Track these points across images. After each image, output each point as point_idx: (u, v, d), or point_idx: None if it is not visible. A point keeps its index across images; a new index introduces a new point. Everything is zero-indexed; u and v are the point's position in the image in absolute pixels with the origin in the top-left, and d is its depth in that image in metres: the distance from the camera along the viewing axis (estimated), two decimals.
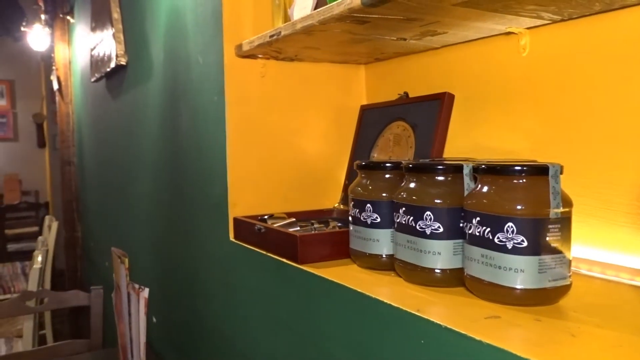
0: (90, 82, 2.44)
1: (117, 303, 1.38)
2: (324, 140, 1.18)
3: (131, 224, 1.96)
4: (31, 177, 6.39)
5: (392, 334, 0.63)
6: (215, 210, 1.14)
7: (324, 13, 0.78)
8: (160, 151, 1.54)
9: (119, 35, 1.91)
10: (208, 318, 1.24)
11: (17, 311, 2.03)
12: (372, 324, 0.67)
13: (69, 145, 3.37)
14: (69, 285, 3.62)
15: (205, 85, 1.17)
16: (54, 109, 6.26)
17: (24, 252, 5.45)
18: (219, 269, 1.15)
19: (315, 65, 1.15)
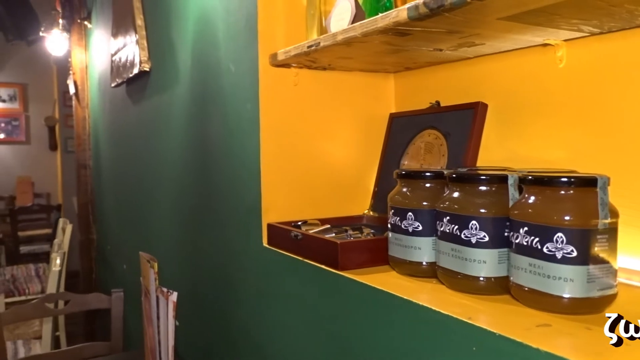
0: (110, 87, 2.47)
1: (146, 307, 1.40)
2: (353, 147, 1.20)
3: (153, 228, 1.98)
4: (43, 180, 6.44)
5: (441, 341, 0.65)
6: (248, 216, 1.16)
7: (367, 26, 0.79)
8: (186, 156, 1.56)
9: (142, 42, 1.93)
10: (237, 322, 1.25)
11: (40, 313, 2.06)
12: (419, 331, 0.69)
13: (85, 148, 3.41)
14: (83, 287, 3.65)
15: (237, 92, 1.19)
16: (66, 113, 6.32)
17: (36, 254, 5.50)
18: (250, 274, 1.17)
19: (346, 74, 1.17)
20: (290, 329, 1.01)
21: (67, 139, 6.24)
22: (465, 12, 0.67)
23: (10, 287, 3.80)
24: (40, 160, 6.49)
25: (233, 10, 1.19)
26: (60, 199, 6.36)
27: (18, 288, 3.80)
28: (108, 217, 3.09)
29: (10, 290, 3.77)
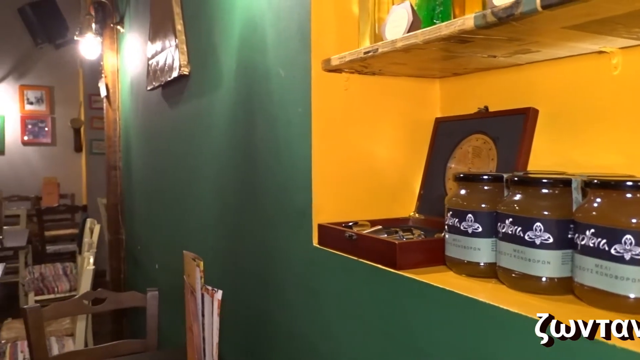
0: (145, 90, 2.53)
1: (191, 305, 1.43)
2: (399, 150, 1.22)
3: (191, 228, 2.02)
4: (68, 181, 6.56)
5: (511, 340, 0.67)
6: (297, 217, 1.19)
7: (429, 33, 0.82)
8: (228, 157, 1.60)
9: (182, 46, 1.98)
10: (284, 320, 1.28)
11: (78, 310, 2.11)
12: (484, 329, 0.71)
13: (115, 150, 3.48)
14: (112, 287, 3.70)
15: (287, 97, 1.22)
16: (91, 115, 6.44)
17: (61, 253, 5.60)
18: (299, 274, 1.20)
19: (393, 79, 1.20)
20: (343, 326, 1.04)
21: (92, 141, 6.35)
22: (533, 21, 0.69)
23: (39, 286, 3.88)
24: (65, 161, 6.61)
25: (284, 17, 1.23)
26: (85, 199, 6.47)
27: (47, 286, 3.88)
28: (138, 218, 3.14)
29: (40, 288, 3.85)
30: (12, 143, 6.36)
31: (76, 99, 6.62)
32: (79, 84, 6.57)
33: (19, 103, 6.37)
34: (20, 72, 6.35)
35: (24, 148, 6.43)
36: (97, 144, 6.40)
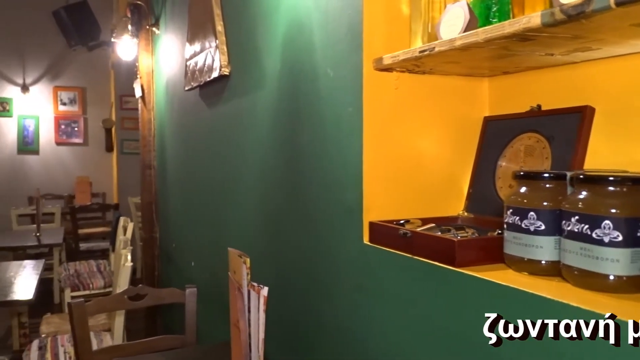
0: (182, 90, 2.57)
1: (237, 301, 1.46)
2: (447, 149, 1.23)
3: (230, 226, 2.05)
4: (99, 180, 6.70)
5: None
6: (346, 214, 1.20)
7: (492, 31, 0.82)
8: (272, 157, 1.62)
9: (222, 47, 2.01)
10: (330, 317, 1.30)
11: (120, 305, 2.16)
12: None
13: (150, 149, 3.54)
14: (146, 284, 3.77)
15: (336, 96, 1.24)
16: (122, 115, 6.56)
17: (93, 251, 5.72)
18: (348, 271, 1.21)
19: (442, 77, 1.20)
20: (395, 323, 1.05)
21: (123, 141, 6.48)
22: (603, 18, 0.69)
23: (75, 282, 3.98)
24: (96, 161, 6.75)
25: (333, 17, 1.24)
26: (116, 198, 6.60)
27: (83, 283, 3.98)
28: (173, 216, 3.20)
29: (76, 284, 3.95)
30: (46, 143, 6.52)
31: (107, 100, 6.76)
32: (110, 85, 6.71)
33: (53, 104, 6.53)
34: (54, 74, 6.52)
35: (58, 148, 6.59)
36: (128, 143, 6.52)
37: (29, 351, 2.69)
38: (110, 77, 6.67)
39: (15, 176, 6.40)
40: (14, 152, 6.39)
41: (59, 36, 6.15)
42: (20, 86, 6.37)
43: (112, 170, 6.82)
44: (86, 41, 6.07)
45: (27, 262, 3.50)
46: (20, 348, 3.92)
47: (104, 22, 6.11)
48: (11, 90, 6.36)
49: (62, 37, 6.06)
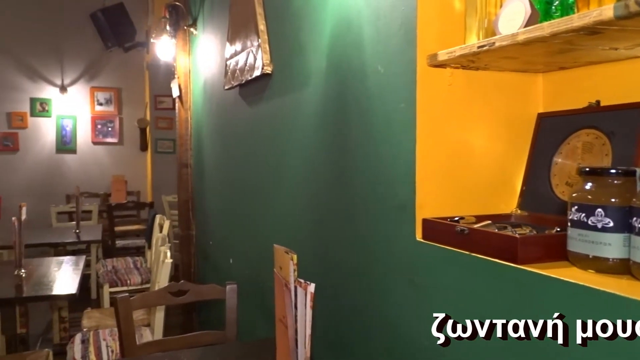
0: (222, 89, 2.60)
1: (285, 297, 1.47)
2: (500, 146, 1.21)
3: (272, 224, 2.07)
4: (133, 179, 6.83)
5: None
6: (397, 211, 1.20)
7: (558, 25, 0.81)
8: (317, 154, 1.62)
9: (265, 46, 2.03)
10: (380, 314, 1.30)
11: (163, 301, 2.20)
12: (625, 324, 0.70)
13: (187, 148, 3.59)
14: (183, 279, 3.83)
15: (387, 93, 1.24)
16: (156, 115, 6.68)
17: (128, 248, 5.84)
18: (399, 267, 1.21)
19: (496, 73, 1.19)
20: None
21: (157, 140, 6.59)
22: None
23: (113, 278, 4.06)
24: (131, 160, 6.89)
25: (384, 14, 1.24)
26: (150, 197, 6.72)
27: (120, 279, 4.06)
28: (210, 214, 3.24)
29: (114, 280, 4.03)
30: (83, 142, 6.69)
31: (142, 100, 6.89)
32: (145, 86, 6.84)
33: (90, 104, 6.69)
34: (91, 75, 6.67)
35: (94, 147, 6.74)
36: (162, 143, 6.64)
37: (73, 344, 2.76)
38: (144, 77, 6.80)
39: (54, 175, 6.58)
40: (53, 151, 6.57)
41: (96, 38, 6.29)
42: (59, 87, 6.55)
43: (146, 169, 6.95)
44: (122, 42, 6.21)
45: (68, 258, 3.60)
46: (61, 342, 4.03)
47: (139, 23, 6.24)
48: (50, 91, 6.53)
49: (99, 39, 6.20)
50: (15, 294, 2.77)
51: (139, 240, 5.86)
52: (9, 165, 6.40)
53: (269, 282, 2.20)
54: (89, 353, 2.64)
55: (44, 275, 3.04)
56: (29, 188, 6.41)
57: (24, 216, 2.96)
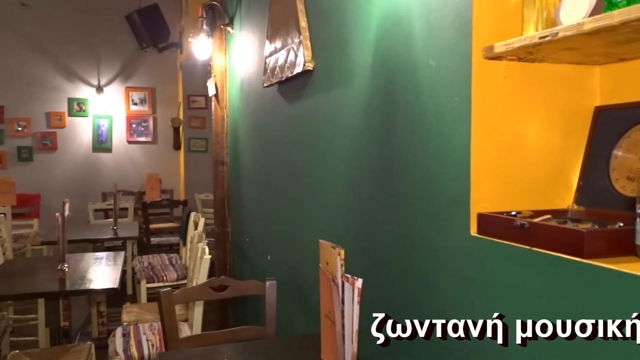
0: (262, 87, 2.62)
1: (331, 292, 1.47)
2: (555, 139, 1.19)
3: (313, 220, 2.08)
4: (167, 177, 6.95)
5: None
6: (449, 206, 1.19)
7: (629, 13, 0.79)
8: (362, 149, 1.62)
9: (306, 42, 2.04)
10: (430, 310, 1.29)
11: (204, 295, 2.23)
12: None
13: (223, 146, 3.63)
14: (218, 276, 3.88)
15: (439, 87, 1.22)
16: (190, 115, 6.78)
17: (162, 245, 5.94)
18: (452, 263, 1.20)
19: (552, 66, 1.17)
20: (508, 316, 1.02)
21: (190, 139, 6.69)
22: None
23: (150, 274, 4.14)
24: (165, 158, 7.01)
25: (436, 8, 1.23)
26: (183, 195, 6.82)
27: (157, 275, 4.13)
28: (246, 211, 3.27)
29: (150, 276, 4.10)
30: (119, 141, 6.83)
31: (175, 100, 6.99)
32: (178, 85, 6.94)
33: (125, 104, 6.83)
34: (126, 75, 6.81)
35: (129, 146, 6.88)
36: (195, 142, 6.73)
37: (114, 337, 2.82)
38: (178, 77, 6.90)
39: (91, 173, 6.73)
40: (89, 150, 6.73)
41: (131, 39, 6.42)
42: (95, 87, 6.70)
43: (179, 168, 7.06)
44: (156, 43, 6.32)
45: (107, 254, 3.67)
46: (99, 336, 4.12)
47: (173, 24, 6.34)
48: (87, 91, 6.69)
49: (134, 40, 6.33)
50: (59, 287, 2.85)
51: (173, 237, 5.95)
52: (48, 164, 6.58)
53: (309, 279, 2.21)
54: (130, 346, 2.70)
55: (86, 270, 3.12)
56: (66, 186, 6.58)
57: (67, 212, 3.03)
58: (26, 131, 6.48)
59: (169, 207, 6.34)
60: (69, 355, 2.64)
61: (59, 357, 2.62)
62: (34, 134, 6.51)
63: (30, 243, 5.59)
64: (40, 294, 3.00)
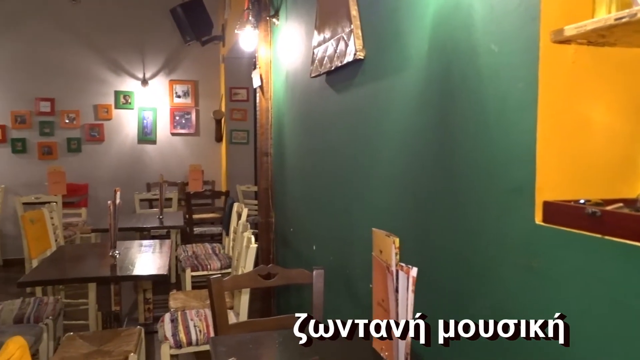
0: (309, 77, 2.63)
1: (385, 280, 1.47)
2: (625, 127, 1.15)
3: (363, 211, 2.07)
4: (209, 169, 7.07)
5: None
6: (514, 194, 1.17)
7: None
8: (416, 137, 1.61)
9: (357, 31, 2.03)
10: (491, 301, 1.27)
11: (253, 283, 2.26)
12: None
13: (267, 137, 3.66)
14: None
15: (502, 72, 1.20)
16: (231, 107, 6.86)
17: (204, 235, 6.05)
18: (515, 252, 1.17)
19: (623, 50, 1.12)
20: (578, 307, 1.00)
21: (232, 131, 6.77)
22: None
23: (194, 263, 4.22)
24: (207, 150, 7.13)
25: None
26: (224, 186, 6.92)
27: (201, 264, 4.21)
28: (290, 202, 3.29)
29: (195, 265, 4.19)
30: (162, 133, 6.98)
31: (217, 92, 7.09)
32: (220, 78, 7.03)
33: (169, 96, 6.96)
34: (170, 68, 6.94)
35: (172, 138, 7.02)
36: (236, 134, 6.82)
37: (163, 323, 2.90)
38: (220, 70, 6.99)
39: (136, 164, 6.91)
40: (135, 141, 6.90)
41: (175, 33, 6.54)
42: (141, 80, 6.85)
43: (221, 160, 7.16)
44: (199, 36, 6.41)
45: (155, 242, 3.77)
46: (145, 321, 4.24)
47: (215, 18, 6.42)
48: (132, 84, 6.85)
49: (178, 34, 6.44)
50: (111, 273, 2.94)
51: (215, 227, 6.06)
52: (96, 155, 6.79)
53: (357, 269, 2.21)
54: (178, 332, 2.76)
55: (135, 257, 3.21)
56: (113, 176, 6.78)
57: (119, 200, 3.13)
58: (75, 123, 6.69)
59: (211, 198, 6.44)
60: (120, 338, 2.73)
61: (111, 339, 2.71)
62: (82, 125, 6.72)
63: (80, 231, 5.80)
64: (95, 279, 3.11)
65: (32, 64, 6.50)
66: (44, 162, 6.57)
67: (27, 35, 6.47)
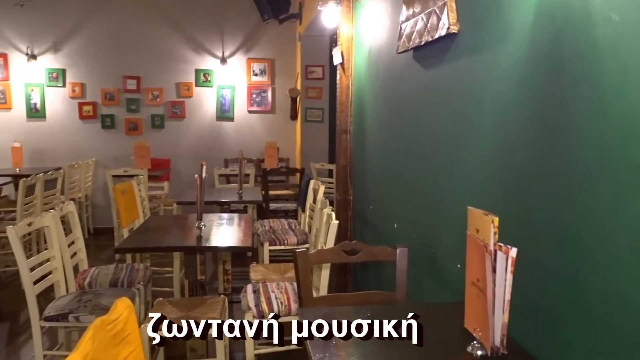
0: (396, 53, 2.59)
1: (482, 260, 1.44)
2: None
3: (453, 189, 2.03)
4: (284, 146, 7.18)
5: None
6: (635, 171, 1.10)
7: None
8: (518, 114, 1.55)
9: (451, 4, 1.97)
10: (597, 285, 1.21)
11: (337, 258, 2.29)
12: None
13: (347, 114, 3.66)
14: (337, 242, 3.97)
15: (624, 44, 1.12)
16: (307, 85, 6.90)
17: (279, 211, 6.18)
18: (631, 235, 1.11)
19: None
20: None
21: (307, 109, 6.83)
22: None
23: (272, 237, 4.33)
24: (282, 128, 7.24)
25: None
26: (298, 164, 7.02)
27: (278, 238, 4.31)
28: (370, 180, 3.28)
29: (273, 239, 4.29)
30: (240, 111, 7.15)
31: (293, 70, 7.15)
32: (296, 56, 7.08)
33: (246, 75, 7.11)
34: (248, 47, 7.07)
35: (249, 115, 7.18)
36: (311, 112, 6.86)
37: (246, 293, 3.00)
38: (296, 48, 7.03)
39: (215, 140, 7.14)
40: (214, 118, 7.12)
41: (253, 11, 6.63)
42: (220, 59, 7.03)
43: (295, 137, 7.25)
44: (277, 15, 6.46)
45: (236, 215, 3.90)
46: (224, 292, 4.42)
47: None
48: (212, 62, 7.04)
49: (257, 12, 6.53)
50: (197, 243, 3.08)
51: (289, 204, 6.17)
52: (177, 131, 7.07)
53: (443, 247, 2.18)
54: (260, 302, 2.86)
55: (218, 229, 3.33)
56: (193, 152, 7.05)
57: (205, 174, 3.25)
58: (159, 100, 6.99)
59: (286, 175, 6.55)
60: (205, 306, 2.86)
61: (197, 306, 2.85)
62: (165, 103, 7.01)
63: (163, 203, 6.09)
64: (185, 248, 3.25)
65: (120, 43, 6.84)
66: (130, 137, 6.93)
67: (115, 15, 6.80)
